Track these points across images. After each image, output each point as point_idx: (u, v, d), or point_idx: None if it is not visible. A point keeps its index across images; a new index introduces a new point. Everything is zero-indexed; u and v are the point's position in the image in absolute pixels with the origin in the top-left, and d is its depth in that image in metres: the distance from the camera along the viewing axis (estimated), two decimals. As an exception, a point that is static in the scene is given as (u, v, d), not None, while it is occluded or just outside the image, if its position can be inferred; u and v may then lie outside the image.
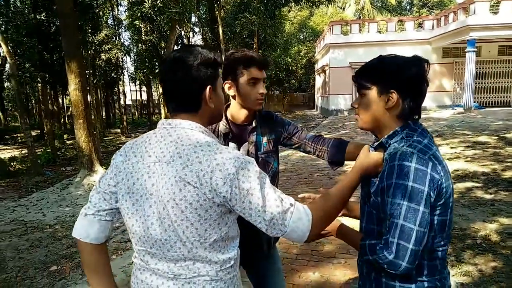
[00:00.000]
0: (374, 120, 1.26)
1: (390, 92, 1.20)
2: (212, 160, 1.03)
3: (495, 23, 15.23)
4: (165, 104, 1.19)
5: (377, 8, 34.59)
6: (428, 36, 19.23)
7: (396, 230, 1.09)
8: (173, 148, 1.07)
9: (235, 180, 1.02)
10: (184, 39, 16.81)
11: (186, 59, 1.12)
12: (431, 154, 1.13)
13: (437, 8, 35.30)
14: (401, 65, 1.20)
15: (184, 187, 1.03)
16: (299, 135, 1.82)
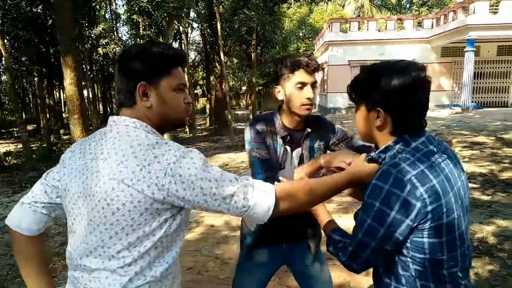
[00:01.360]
0: (368, 135, 1.20)
1: (377, 110, 1.11)
2: (149, 154, 0.95)
3: (494, 23, 15.20)
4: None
5: (376, 6, 34.48)
6: (427, 35, 19.19)
7: (354, 241, 1.12)
8: (110, 144, 1.01)
9: (178, 169, 0.93)
10: (182, 35, 16.72)
11: (124, 53, 1.09)
12: (414, 174, 1.03)
13: (437, 7, 35.23)
14: (382, 77, 1.08)
15: (117, 186, 0.94)
16: (348, 142, 1.81)
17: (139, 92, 1.05)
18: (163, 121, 1.10)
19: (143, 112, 1.07)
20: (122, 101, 1.09)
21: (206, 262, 3.65)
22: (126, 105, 1.08)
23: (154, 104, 1.07)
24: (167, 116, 1.10)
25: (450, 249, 1.07)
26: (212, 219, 4.92)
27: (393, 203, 1.02)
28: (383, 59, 5.52)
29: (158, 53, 1.07)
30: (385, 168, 1.07)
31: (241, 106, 36.57)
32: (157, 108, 1.08)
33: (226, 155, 10.53)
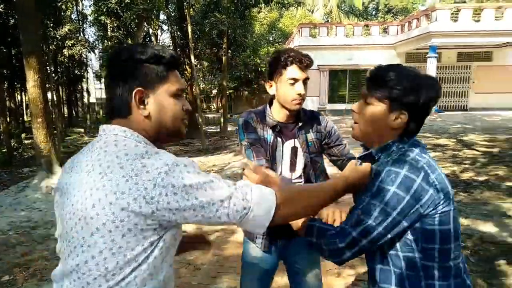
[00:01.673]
0: (375, 133, 1.19)
1: (402, 112, 1.14)
2: (137, 164, 0.83)
3: (454, 31, 15.94)
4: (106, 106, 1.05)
5: (344, 12, 35.32)
6: (392, 41, 19.85)
7: (360, 227, 1.08)
8: (95, 155, 0.90)
9: (170, 178, 0.82)
10: (152, 37, 16.45)
11: (116, 54, 0.96)
12: (425, 163, 1.09)
13: (401, 14, 36.52)
14: (422, 86, 1.12)
15: (98, 202, 0.83)
16: (341, 149, 1.83)
17: (135, 99, 0.94)
18: (160, 131, 0.99)
19: (138, 122, 0.95)
20: (114, 110, 0.97)
21: (178, 268, 3.59)
22: (119, 115, 0.96)
23: (152, 113, 0.96)
24: (165, 125, 0.99)
25: (455, 238, 1.12)
26: (184, 225, 4.85)
27: (409, 188, 1.05)
28: (351, 63, 5.72)
29: (154, 55, 0.95)
30: (396, 157, 1.11)
31: (211, 109, 36.38)
32: (155, 117, 0.96)
33: (197, 159, 10.42)
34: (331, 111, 20.38)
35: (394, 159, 1.11)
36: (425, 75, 1.16)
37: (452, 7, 16.98)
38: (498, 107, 18.73)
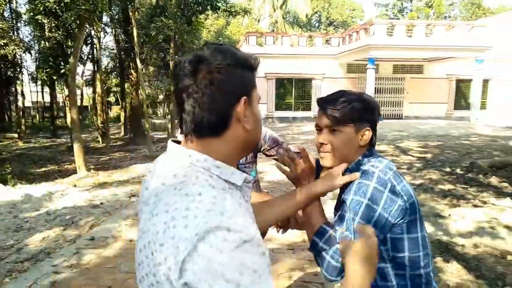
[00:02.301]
0: (347, 156, 1.26)
1: (367, 129, 1.25)
2: (178, 210, 0.68)
3: (390, 44, 17.11)
4: (180, 125, 0.83)
5: (289, 23, 36.42)
6: (335, 52, 20.81)
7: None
8: (155, 183, 0.79)
9: (194, 252, 0.64)
10: (94, 39, 15.75)
11: (211, 58, 0.78)
12: (391, 175, 1.18)
13: (341, 27, 38.47)
14: (374, 104, 1.27)
15: (143, 248, 0.73)
16: (277, 149, 1.84)
17: (240, 111, 0.79)
18: (252, 143, 0.87)
19: (233, 139, 0.81)
20: (198, 127, 0.79)
21: (126, 279, 3.47)
22: (208, 132, 0.80)
23: (251, 126, 0.82)
24: (257, 136, 0.88)
25: (424, 246, 1.19)
26: (132, 233, 4.70)
27: (379, 200, 1.13)
28: (297, 72, 5.98)
29: (247, 56, 0.84)
30: (366, 168, 1.19)
31: (158, 115, 35.50)
32: (252, 129, 0.83)
33: (143, 166, 10.13)
34: (278, 118, 20.82)
35: (363, 170, 1.20)
36: (366, 95, 1.30)
37: (388, 22, 18.23)
38: (428, 116, 20.35)
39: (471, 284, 3.18)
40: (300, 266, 3.58)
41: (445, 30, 17.99)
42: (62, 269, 3.72)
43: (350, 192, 1.17)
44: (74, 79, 9.11)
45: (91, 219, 5.41)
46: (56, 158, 12.42)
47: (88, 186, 7.66)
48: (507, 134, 13.75)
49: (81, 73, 23.50)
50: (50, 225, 5.25)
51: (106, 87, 24.56)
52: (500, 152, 9.30)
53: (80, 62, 15.82)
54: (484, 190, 5.97)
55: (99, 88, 16.64)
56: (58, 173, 9.29)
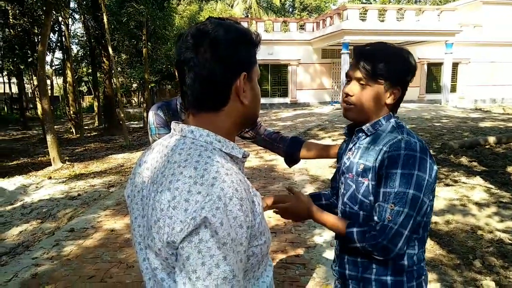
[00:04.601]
0: (371, 112, 1.23)
1: (397, 88, 1.21)
2: (183, 191, 0.71)
3: (363, 29, 17.29)
4: (181, 97, 0.86)
5: (263, 8, 36.11)
6: (309, 37, 20.85)
7: (399, 218, 1.10)
8: (161, 162, 0.82)
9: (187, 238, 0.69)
10: (62, 26, 15.16)
11: (213, 33, 0.79)
12: (423, 142, 1.18)
13: (315, 12, 38.48)
14: (411, 65, 1.21)
15: (154, 224, 0.75)
16: (257, 129, 1.82)
17: (239, 85, 0.82)
18: (249, 118, 0.90)
19: (232, 113, 0.84)
20: (200, 101, 0.82)
21: (109, 268, 3.47)
22: (209, 107, 0.83)
23: (249, 99, 0.85)
24: (255, 111, 0.90)
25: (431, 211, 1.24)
26: (112, 223, 4.66)
27: (425, 168, 1.12)
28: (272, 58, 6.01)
29: (249, 32, 0.84)
30: (407, 139, 1.16)
31: (133, 104, 34.77)
32: (250, 104, 0.85)
33: (120, 155, 9.97)
34: (254, 104, 20.79)
35: (406, 140, 1.15)
36: (407, 53, 1.23)
37: (361, 7, 18.39)
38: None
39: (444, 259, 3.35)
40: (282, 249, 3.67)
41: (416, 14, 18.33)
42: (42, 261, 3.67)
43: (396, 165, 1.12)
44: (44, 68, 8.79)
45: (69, 211, 5.33)
46: (28, 150, 12.03)
47: (64, 178, 7.49)
48: (476, 115, 14.29)
49: (50, 62, 22.64)
50: (27, 219, 5.14)
51: (77, 76, 23.83)
52: (469, 132, 9.68)
53: (48, 51, 15.23)
54: (455, 169, 6.22)
55: (70, 77, 16.11)
56: (32, 166, 9.02)
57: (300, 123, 13.93)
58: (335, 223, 1.25)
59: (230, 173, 0.75)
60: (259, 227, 0.79)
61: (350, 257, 1.30)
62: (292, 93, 21.58)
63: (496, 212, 4.40)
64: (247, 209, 0.74)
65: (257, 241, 0.80)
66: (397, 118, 1.28)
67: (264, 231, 0.83)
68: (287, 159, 1.81)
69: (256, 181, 6.37)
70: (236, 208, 0.71)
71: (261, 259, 0.85)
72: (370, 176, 1.19)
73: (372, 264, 1.24)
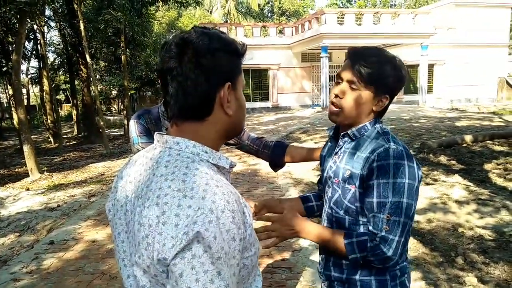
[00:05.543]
0: (357, 116, 1.23)
1: (385, 96, 1.22)
2: (172, 205, 0.69)
3: (341, 33, 17.57)
4: (164, 107, 0.85)
5: (242, 14, 36.25)
6: (288, 41, 21.04)
7: (398, 228, 1.13)
8: (146, 175, 0.79)
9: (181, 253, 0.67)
10: (37, 34, 14.83)
11: (197, 42, 0.78)
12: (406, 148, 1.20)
13: (293, 17, 38.88)
14: (403, 75, 1.22)
15: (142, 241, 0.72)
16: (240, 136, 1.80)
17: (223, 96, 0.80)
18: (234, 129, 0.88)
19: (216, 123, 0.82)
20: (184, 110, 0.80)
21: (91, 280, 3.39)
22: (193, 118, 0.81)
23: (234, 109, 0.84)
24: (240, 121, 0.89)
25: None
26: (94, 233, 4.56)
27: (414, 175, 1.14)
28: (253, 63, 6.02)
29: (234, 42, 0.84)
30: (394, 147, 1.16)
31: (112, 111, 34.25)
32: (235, 114, 0.84)
33: (101, 164, 9.77)
34: (235, 109, 20.79)
35: (393, 149, 1.15)
36: (400, 61, 1.23)
37: (338, 11, 18.68)
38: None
39: (427, 257, 3.41)
40: (267, 253, 3.65)
41: (392, 18, 18.75)
42: (21, 275, 3.55)
43: (388, 174, 1.13)
44: (19, 77, 8.57)
45: (49, 223, 5.18)
46: (5, 161, 11.67)
47: (42, 189, 7.29)
48: (453, 115, 14.67)
49: (26, 71, 22.10)
50: (4, 232, 4.98)
51: (55, 84, 23.32)
52: (447, 132, 9.91)
53: (23, 59, 14.87)
54: (434, 168, 6.35)
55: (47, 86, 15.74)
56: (8, 177, 8.75)
57: (282, 126, 14.00)
58: (330, 236, 1.23)
59: (220, 184, 0.73)
60: (249, 238, 0.78)
61: (334, 259, 1.30)
62: (274, 97, 21.69)
63: (475, 209, 4.50)
64: (239, 221, 0.73)
65: (248, 253, 0.79)
66: (382, 124, 1.29)
67: (254, 242, 0.81)
68: (272, 164, 1.81)
69: (240, 185, 6.35)
70: (228, 220, 0.70)
71: (251, 270, 0.84)
72: (357, 184, 1.20)
73: (356, 266, 1.25)
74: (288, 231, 1.27)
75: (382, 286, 1.23)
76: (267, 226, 1.29)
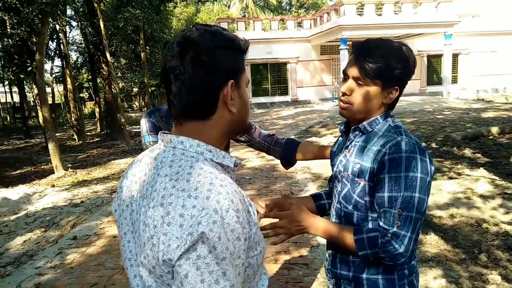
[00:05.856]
0: (367, 111, 1.21)
1: (395, 88, 1.19)
2: (177, 206, 0.69)
3: (361, 24, 17.23)
4: (168, 106, 0.84)
5: (260, 7, 36.05)
6: (307, 34, 20.80)
7: (410, 224, 1.09)
8: (150, 175, 0.79)
9: (184, 255, 0.67)
10: (60, 34, 15.19)
11: (199, 40, 0.77)
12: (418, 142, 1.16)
13: (312, 9, 38.36)
14: (411, 65, 1.18)
15: (148, 241, 0.72)
16: (252, 133, 1.79)
17: (227, 94, 0.79)
18: (239, 126, 0.88)
19: (220, 122, 0.82)
20: (187, 110, 0.80)
21: (112, 275, 3.46)
22: (196, 115, 0.80)
23: (237, 107, 0.83)
24: (245, 119, 0.88)
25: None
26: (115, 229, 4.65)
27: (426, 170, 1.11)
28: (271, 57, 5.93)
29: (237, 39, 0.83)
30: (406, 140, 1.13)
31: (134, 108, 34.84)
32: (238, 112, 0.83)
33: (123, 161, 9.97)
34: (256, 104, 20.80)
35: (405, 142, 1.12)
36: (407, 50, 1.18)
37: (357, 2, 18.32)
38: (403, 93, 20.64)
39: (449, 253, 3.31)
40: (285, 249, 3.64)
41: (413, 7, 18.24)
42: (45, 270, 3.66)
43: (399, 168, 1.10)
44: (42, 76, 8.80)
45: (72, 218, 5.33)
46: (31, 159, 12.06)
47: (67, 186, 7.50)
48: (478, 106, 14.20)
49: (50, 70, 22.72)
50: (31, 228, 5.14)
51: (78, 82, 23.90)
52: (472, 124, 9.61)
53: (47, 59, 15.27)
54: (458, 162, 6.17)
55: (70, 84, 16.13)
56: (35, 174, 9.04)
57: (302, 120, 13.90)
58: (339, 232, 1.20)
59: (225, 184, 0.73)
60: (254, 237, 0.78)
61: (342, 256, 1.28)
62: (293, 91, 21.54)
63: (501, 204, 4.35)
64: (244, 220, 0.72)
65: (253, 252, 0.79)
66: (393, 117, 1.26)
67: (259, 241, 0.81)
68: (283, 161, 1.79)
69: (258, 181, 6.35)
70: (233, 220, 0.70)
71: (257, 269, 0.84)
72: (367, 177, 1.17)
73: (363, 264, 1.22)
74: (296, 227, 1.24)
75: (389, 285, 1.20)
76: (274, 223, 1.27)
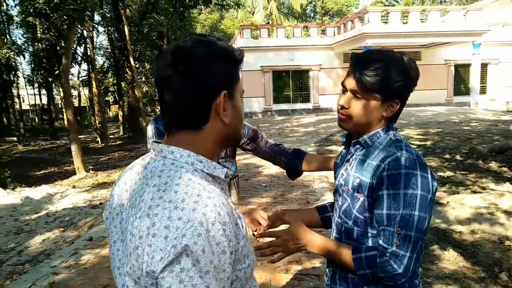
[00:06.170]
0: (367, 123, 1.16)
1: (395, 102, 1.14)
2: (163, 217, 0.68)
3: (386, 32, 16.99)
4: (162, 115, 0.85)
5: (284, 14, 36.16)
6: (330, 42, 20.67)
7: (409, 244, 1.05)
8: (140, 184, 0.78)
9: (168, 267, 0.66)
10: (87, 39, 15.67)
11: (193, 50, 0.77)
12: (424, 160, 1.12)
13: (337, 16, 38.19)
14: (412, 78, 1.13)
15: (133, 252, 0.71)
16: (258, 141, 1.78)
17: (219, 104, 0.78)
18: (232, 137, 0.87)
19: (213, 132, 0.81)
20: (179, 120, 0.79)
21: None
22: (189, 127, 0.79)
23: (230, 118, 0.81)
24: (238, 129, 0.87)
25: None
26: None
27: (427, 187, 1.05)
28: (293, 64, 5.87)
29: (231, 49, 0.83)
30: (406, 156, 1.08)
31: (157, 112, 35.45)
32: (232, 122, 0.82)
33: (142, 164, 10.12)
34: (276, 111, 20.77)
35: (405, 158, 1.08)
36: (409, 62, 1.13)
37: (382, 9, 18.09)
38: (428, 103, 20.24)
39: (467, 271, 3.17)
40: (297, 259, 3.58)
41: (440, 15, 17.85)
42: (60, 269, 3.72)
43: (399, 184, 1.06)
44: (68, 79, 9.08)
45: (90, 219, 5.42)
46: (55, 160, 12.43)
47: (87, 187, 7.67)
48: (508, 118, 13.71)
49: (77, 74, 23.41)
50: (50, 227, 5.27)
51: (103, 86, 24.54)
52: (500, 136, 9.27)
53: (74, 63, 15.77)
54: (483, 175, 5.94)
55: (95, 88, 16.59)
56: (58, 175, 9.30)
57: (322, 128, 13.77)
58: (337, 249, 1.17)
59: (213, 196, 0.72)
60: (242, 250, 0.76)
61: (341, 273, 1.23)
62: (314, 98, 21.40)
63: (526, 220, 4.15)
64: (230, 234, 0.71)
65: (241, 265, 0.77)
66: (396, 130, 1.21)
67: (248, 254, 0.79)
68: (289, 172, 1.76)
69: (275, 188, 6.30)
70: (219, 233, 0.68)
71: (245, 283, 0.82)
72: (366, 193, 1.13)
73: (362, 281, 1.17)
74: (294, 245, 1.21)
75: None
76: (271, 242, 1.23)
